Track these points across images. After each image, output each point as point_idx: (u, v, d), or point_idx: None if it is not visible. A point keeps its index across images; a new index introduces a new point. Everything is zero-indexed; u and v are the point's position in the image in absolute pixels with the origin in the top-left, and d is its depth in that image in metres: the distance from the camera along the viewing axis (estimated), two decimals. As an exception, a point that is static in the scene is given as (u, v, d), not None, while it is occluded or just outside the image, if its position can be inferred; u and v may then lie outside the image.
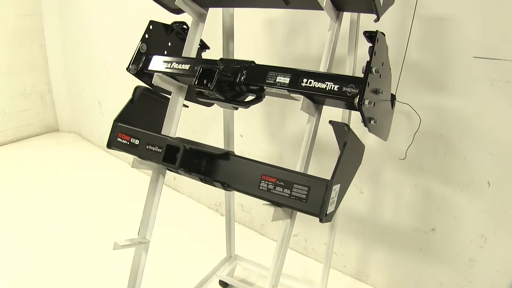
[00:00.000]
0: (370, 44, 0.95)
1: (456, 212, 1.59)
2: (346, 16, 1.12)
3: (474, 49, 1.41)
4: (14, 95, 3.51)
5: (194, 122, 2.49)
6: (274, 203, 0.96)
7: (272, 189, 0.95)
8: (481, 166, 1.50)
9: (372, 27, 1.02)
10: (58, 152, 3.44)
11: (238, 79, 1.05)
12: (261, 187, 0.97)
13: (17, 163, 3.18)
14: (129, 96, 1.29)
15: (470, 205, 1.56)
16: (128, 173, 3.02)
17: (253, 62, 1.06)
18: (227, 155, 1.04)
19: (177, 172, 1.09)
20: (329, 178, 0.90)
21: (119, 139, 1.25)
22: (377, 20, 1.01)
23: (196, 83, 1.04)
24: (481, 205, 1.53)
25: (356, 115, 1.03)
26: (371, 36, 0.96)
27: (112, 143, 1.27)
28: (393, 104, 1.24)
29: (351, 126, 1.08)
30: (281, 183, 0.94)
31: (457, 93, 1.49)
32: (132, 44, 1.30)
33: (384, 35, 1.01)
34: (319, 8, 1.01)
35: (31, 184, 2.83)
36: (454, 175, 1.57)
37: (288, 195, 0.93)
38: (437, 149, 1.57)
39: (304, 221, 2.04)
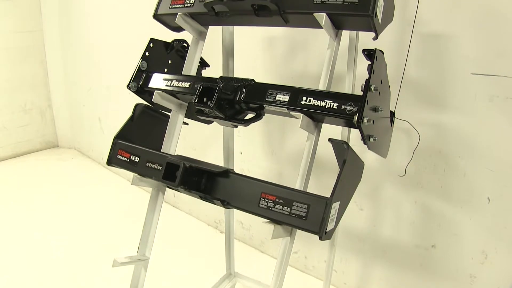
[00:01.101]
0: (369, 62, 0.96)
1: (457, 228, 1.59)
2: (345, 33, 1.13)
3: (472, 66, 1.43)
4: (14, 111, 3.52)
5: (194, 139, 2.49)
6: (274, 221, 0.96)
7: (272, 207, 0.95)
8: (481, 182, 1.50)
9: (371, 44, 1.03)
10: (57, 168, 3.43)
11: (238, 97, 1.05)
12: (260, 205, 0.97)
13: (16, 178, 3.17)
14: (129, 113, 1.29)
15: (470, 221, 1.55)
16: (127, 190, 3.00)
17: (252, 80, 1.07)
18: (226, 173, 1.04)
19: (177, 190, 1.09)
20: (328, 195, 0.90)
21: (119, 156, 1.25)
22: (375, 38, 1.02)
23: (196, 101, 1.04)
24: (481, 221, 1.53)
25: (355, 132, 1.04)
26: (370, 54, 0.97)
27: (112, 160, 1.27)
28: (392, 121, 1.25)
29: (350, 143, 1.08)
30: (281, 201, 0.94)
31: (456, 109, 1.49)
32: (132, 61, 1.31)
33: (383, 53, 1.02)
34: (318, 26, 1.02)
35: (30, 199, 2.81)
36: (454, 192, 1.57)
37: (287, 213, 0.93)
38: (437, 165, 1.58)
39: (304, 238, 2.03)
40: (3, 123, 3.46)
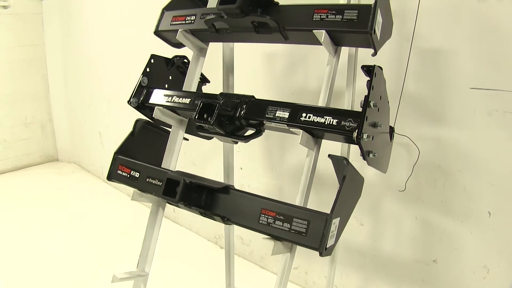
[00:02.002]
0: (368, 78, 0.96)
1: (457, 243, 1.58)
2: (345, 49, 1.14)
3: (471, 80, 1.43)
4: (15, 124, 3.53)
5: (194, 154, 2.49)
6: (274, 237, 0.96)
7: (272, 223, 0.95)
8: (481, 196, 1.49)
9: (370, 59, 1.04)
10: (57, 182, 3.43)
11: (238, 114, 1.06)
12: (261, 221, 0.97)
13: (16, 192, 3.17)
14: (129, 128, 1.30)
15: (471, 235, 1.55)
16: (127, 205, 3.00)
17: (252, 96, 1.08)
18: (227, 189, 1.04)
19: (177, 206, 1.09)
20: (328, 211, 0.90)
21: (119, 172, 1.26)
22: (374, 54, 1.03)
23: (196, 117, 1.05)
24: (482, 235, 1.52)
25: (355, 147, 1.04)
26: (369, 70, 0.98)
27: (112, 176, 1.28)
28: (391, 136, 1.25)
29: (350, 158, 1.08)
30: (281, 217, 0.94)
31: (455, 124, 1.50)
32: (133, 76, 1.32)
33: (382, 69, 1.03)
34: (318, 43, 1.04)
35: (29, 213, 2.81)
36: (454, 206, 1.57)
37: (288, 229, 0.93)
38: (437, 180, 1.58)
39: (305, 254, 2.01)
40: (3, 136, 3.47)
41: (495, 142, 1.43)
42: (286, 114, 1.00)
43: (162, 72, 1.34)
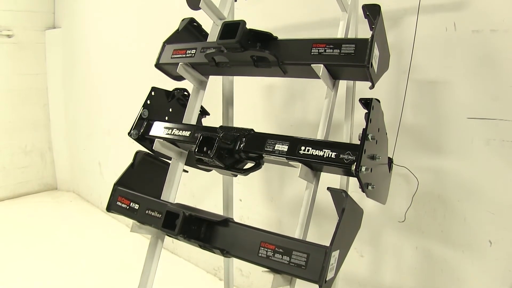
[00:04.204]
0: (366, 110, 0.98)
1: (459, 273, 1.57)
2: (343, 82, 1.16)
3: (468, 110, 1.45)
4: (14, 152, 3.54)
5: (193, 186, 2.49)
6: (274, 270, 0.95)
7: (271, 256, 0.95)
8: (481, 225, 1.49)
9: (368, 91, 1.05)
10: (55, 211, 3.41)
11: (237, 147, 1.07)
12: (260, 254, 0.96)
13: (14, 220, 3.15)
14: (129, 158, 1.30)
15: (473, 265, 1.53)
16: (126, 235, 2.96)
17: (252, 129, 1.09)
18: (226, 221, 1.04)
19: (176, 238, 1.09)
20: (328, 243, 0.90)
21: (119, 203, 1.26)
22: (372, 87, 1.05)
23: (196, 150, 1.06)
24: (484, 265, 1.51)
25: (354, 179, 1.05)
26: (367, 103, 0.99)
27: (111, 207, 1.28)
28: (390, 168, 1.26)
29: (349, 190, 1.09)
30: (280, 250, 0.94)
31: (454, 154, 1.50)
32: (133, 107, 1.33)
33: (379, 102, 1.04)
34: (316, 77, 1.05)
35: (27, 242, 2.78)
36: (455, 236, 1.56)
37: (287, 262, 0.93)
38: (436, 210, 1.57)
39: (304, 286, 2.00)
40: (3, 164, 3.48)
41: (493, 170, 1.43)
42: (285, 147, 1.01)
43: (163, 104, 1.35)
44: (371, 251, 1.79)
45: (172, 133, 1.22)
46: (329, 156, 0.95)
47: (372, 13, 1.14)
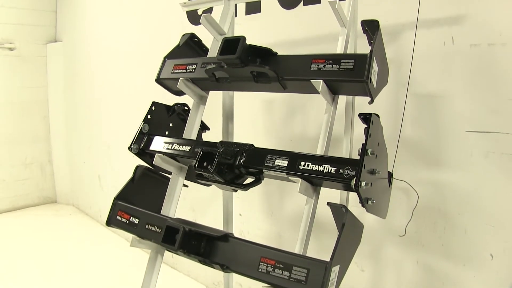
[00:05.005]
0: (366, 125, 0.98)
1: (461, 286, 1.56)
2: (342, 97, 1.16)
3: (467, 124, 1.45)
4: (14, 164, 3.54)
5: (193, 200, 2.49)
6: (274, 285, 0.95)
7: (271, 271, 0.95)
8: (482, 238, 1.48)
9: (367, 106, 1.05)
10: (55, 224, 3.40)
11: (237, 162, 1.07)
12: (260, 269, 0.96)
13: (13, 233, 3.14)
14: (129, 172, 1.30)
15: (474, 279, 1.52)
16: (125, 249, 2.96)
17: (252, 145, 1.09)
18: (226, 237, 1.04)
19: (176, 253, 1.09)
20: (328, 258, 0.90)
21: (119, 217, 1.26)
22: (371, 102, 1.05)
23: (196, 165, 1.06)
24: (485, 278, 1.50)
25: (354, 194, 1.05)
26: (366, 118, 1.00)
27: (111, 221, 1.28)
28: (390, 182, 1.26)
29: (349, 204, 1.09)
30: (280, 265, 0.94)
31: (453, 167, 1.50)
32: (133, 121, 1.33)
33: (379, 117, 1.04)
34: (316, 92, 1.06)
35: (26, 255, 2.77)
36: (455, 249, 1.55)
37: (287, 277, 0.93)
38: (437, 224, 1.57)
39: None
40: (2, 176, 3.47)
41: (493, 183, 1.43)
42: (285, 163, 1.01)
43: (163, 119, 1.36)
44: (371, 266, 1.78)
45: (172, 148, 1.23)
46: (329, 171, 0.96)
47: (371, 28, 1.15)
